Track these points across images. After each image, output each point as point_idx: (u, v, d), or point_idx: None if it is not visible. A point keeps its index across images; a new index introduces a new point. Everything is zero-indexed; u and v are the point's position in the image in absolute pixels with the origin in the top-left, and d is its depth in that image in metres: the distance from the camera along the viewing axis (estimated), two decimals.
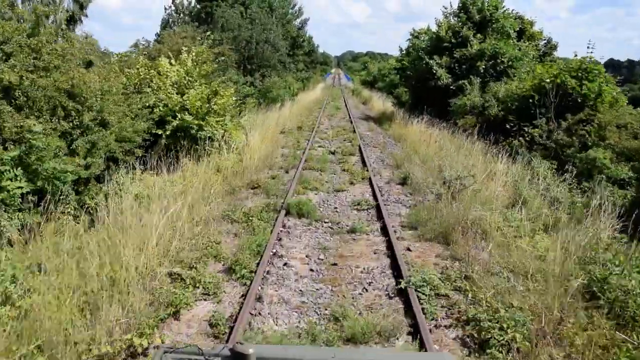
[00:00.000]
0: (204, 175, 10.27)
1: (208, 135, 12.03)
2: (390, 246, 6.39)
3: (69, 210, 8.88)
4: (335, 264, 5.96)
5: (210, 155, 11.93)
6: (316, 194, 9.28)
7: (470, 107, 18.07)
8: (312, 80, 51.01)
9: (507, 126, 14.81)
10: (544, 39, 26.52)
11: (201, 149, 12.02)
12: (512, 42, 20.27)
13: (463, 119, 17.80)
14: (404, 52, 36.20)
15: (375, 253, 6.32)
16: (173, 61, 13.39)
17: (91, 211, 8.75)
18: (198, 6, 32.98)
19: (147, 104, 11.63)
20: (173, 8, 33.09)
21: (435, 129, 17.26)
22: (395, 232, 7.02)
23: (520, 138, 14.09)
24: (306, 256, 6.21)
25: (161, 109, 11.78)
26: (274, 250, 6.31)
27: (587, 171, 11.79)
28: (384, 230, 7.07)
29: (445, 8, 21.93)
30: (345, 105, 31.86)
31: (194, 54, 13.63)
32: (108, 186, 9.24)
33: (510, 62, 19.44)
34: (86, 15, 30.79)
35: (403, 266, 5.59)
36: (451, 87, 19.61)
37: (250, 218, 7.44)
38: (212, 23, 28.86)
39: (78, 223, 8.77)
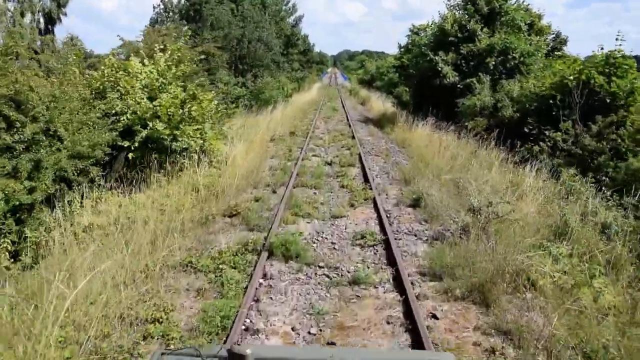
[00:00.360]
0: (175, 198, 8.57)
1: (183, 146, 10.30)
2: (409, 311, 4.62)
3: (6, 245, 7.18)
4: (332, 344, 4.21)
5: (185, 170, 10.24)
6: (309, 222, 7.47)
7: (480, 107, 16.36)
8: (308, 80, 49.27)
9: (526, 130, 13.08)
10: (553, 33, 24.82)
11: (175, 163, 10.32)
12: (524, 36, 18.55)
13: (473, 121, 16.06)
14: (403, 48, 34.52)
15: (388, 322, 4.54)
16: (146, 61, 11.65)
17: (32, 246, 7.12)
18: (187, 3, 31.37)
19: (113, 111, 9.92)
20: (162, 7, 31.50)
21: (442, 133, 15.56)
22: (413, 284, 5.24)
23: (542, 143, 12.39)
24: (292, 329, 4.43)
25: (128, 116, 10.05)
26: (248, 322, 4.53)
27: (626, 184, 10.07)
28: (398, 282, 5.30)
29: (449, 0, 20.16)
30: (343, 106, 30.07)
31: (168, 52, 11.89)
32: (52, 215, 7.56)
33: (522, 58, 17.71)
34: (65, 14, 29.00)
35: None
36: (458, 85, 17.87)
37: (221, 266, 5.62)
38: (201, 21, 27.26)
39: (20, 261, 7.08)
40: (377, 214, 7.68)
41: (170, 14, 30.84)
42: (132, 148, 9.92)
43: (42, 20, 28.06)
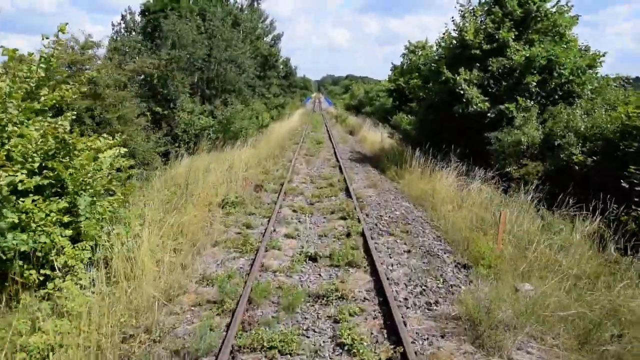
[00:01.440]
0: None
1: (22, 249, 5.15)
2: None
3: None
4: None
5: (33, 295, 5.17)
6: None
7: (526, 145, 11.51)
8: (289, 106, 44.47)
9: (624, 184, 8.20)
10: (580, 47, 20.27)
11: (14, 281, 5.25)
12: (573, 46, 13.90)
13: (519, 165, 11.19)
14: (398, 70, 30.06)
15: None
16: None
17: None
18: (144, 19, 26.84)
19: None
20: (123, 25, 26.94)
21: (475, 182, 10.67)
22: None
23: None
24: None
25: None
26: None
27: None
28: None
29: (462, 5, 15.40)
30: (329, 138, 25.01)
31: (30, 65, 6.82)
32: None
33: (571, 76, 12.96)
34: None
35: None
36: (488, 114, 13.02)
37: None
38: (160, 38, 22.65)
39: None
40: None
41: (133, 33, 26.22)
42: None
43: None
